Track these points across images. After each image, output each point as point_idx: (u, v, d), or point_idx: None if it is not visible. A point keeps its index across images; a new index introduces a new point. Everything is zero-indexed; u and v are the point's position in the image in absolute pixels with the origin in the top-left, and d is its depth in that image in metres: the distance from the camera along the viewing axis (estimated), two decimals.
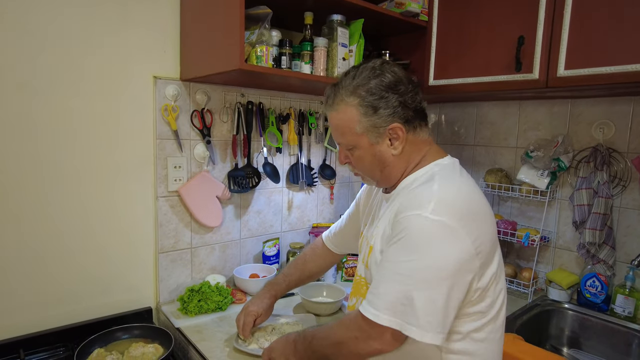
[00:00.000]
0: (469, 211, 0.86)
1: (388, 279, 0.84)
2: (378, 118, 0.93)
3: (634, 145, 1.55)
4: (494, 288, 0.89)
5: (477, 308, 0.88)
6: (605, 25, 1.23)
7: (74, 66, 1.30)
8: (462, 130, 2.10)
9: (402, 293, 0.80)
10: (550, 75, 1.35)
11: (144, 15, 1.41)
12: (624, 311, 1.53)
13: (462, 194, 0.89)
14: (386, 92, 0.92)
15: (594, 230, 1.57)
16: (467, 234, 0.82)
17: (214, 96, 1.60)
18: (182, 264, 1.60)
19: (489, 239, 0.87)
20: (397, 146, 0.95)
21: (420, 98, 0.98)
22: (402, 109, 0.93)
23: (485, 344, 0.91)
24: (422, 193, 0.87)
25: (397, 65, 0.99)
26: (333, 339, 0.93)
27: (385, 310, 0.82)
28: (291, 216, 1.93)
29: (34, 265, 1.30)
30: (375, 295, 0.84)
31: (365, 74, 0.95)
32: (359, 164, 1.01)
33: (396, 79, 0.94)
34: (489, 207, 0.93)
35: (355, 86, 0.94)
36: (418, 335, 0.79)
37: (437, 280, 0.80)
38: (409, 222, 0.83)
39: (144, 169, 1.48)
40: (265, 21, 1.29)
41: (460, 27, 1.59)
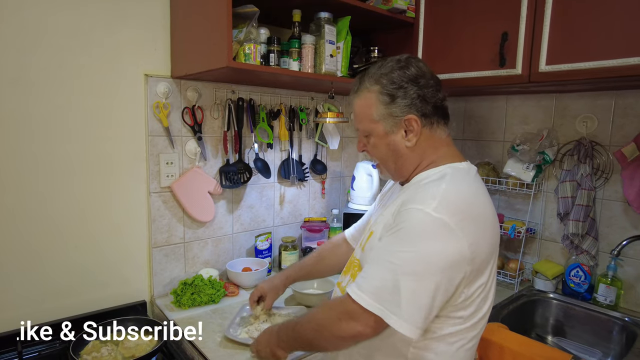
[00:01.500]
0: (471, 214, 0.86)
1: (379, 265, 0.85)
2: (395, 107, 0.94)
3: (616, 139, 1.59)
4: (479, 299, 0.90)
5: (460, 314, 0.88)
6: (585, 21, 1.26)
7: (66, 64, 1.33)
8: (452, 125, 2.12)
9: (390, 281, 0.81)
10: (533, 70, 1.38)
11: (135, 13, 1.44)
12: (606, 300, 1.58)
13: (467, 196, 0.89)
14: (406, 83, 0.93)
15: (577, 222, 1.61)
16: (464, 236, 0.82)
17: (205, 93, 1.63)
18: (175, 258, 1.64)
19: (486, 247, 0.88)
20: (412, 138, 0.95)
21: (443, 96, 0.98)
22: (421, 102, 0.94)
23: (454, 348, 0.91)
24: (429, 190, 0.88)
25: (423, 62, 1.00)
26: (315, 322, 0.95)
27: (371, 295, 0.83)
28: (283, 211, 1.97)
29: (30, 260, 1.33)
30: (364, 278, 0.86)
31: (390, 64, 0.97)
32: (374, 152, 1.02)
33: (419, 72, 0.95)
34: (494, 216, 0.93)
35: (379, 74, 0.96)
36: (397, 325, 0.80)
37: (426, 275, 0.81)
38: (410, 215, 0.84)
39: (136, 165, 1.51)
40: (252, 19, 1.31)
41: (446, 24, 1.62)
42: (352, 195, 1.99)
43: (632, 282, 1.59)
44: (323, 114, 1.87)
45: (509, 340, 1.32)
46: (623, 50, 1.18)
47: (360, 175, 1.96)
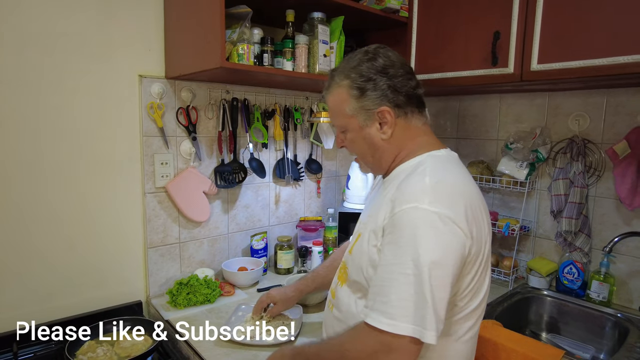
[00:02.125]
0: (465, 203, 0.84)
1: (396, 281, 0.78)
2: (367, 100, 0.93)
3: (607, 136, 1.61)
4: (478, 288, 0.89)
5: (459, 304, 0.87)
6: (575, 20, 1.27)
7: (59, 64, 1.33)
8: (446, 124, 2.14)
9: (416, 295, 0.76)
10: (525, 69, 1.39)
11: (128, 14, 1.44)
12: (599, 296, 1.59)
13: (456, 185, 0.88)
14: (375, 74, 0.92)
15: (570, 219, 1.62)
16: (465, 227, 0.81)
17: (199, 93, 1.63)
18: (171, 258, 1.64)
19: (482, 235, 0.86)
20: (387, 130, 0.95)
21: (415, 84, 0.96)
22: (392, 93, 0.92)
23: (450, 341, 0.90)
24: (415, 184, 0.85)
25: (393, 51, 0.98)
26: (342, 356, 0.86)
27: (403, 318, 0.76)
28: (279, 210, 1.97)
29: (24, 261, 1.33)
30: (385, 303, 0.78)
31: (358, 57, 0.96)
32: (352, 147, 1.02)
33: (388, 62, 0.94)
34: (483, 201, 0.92)
35: (348, 68, 0.95)
36: (432, 339, 0.76)
37: (443, 277, 0.78)
38: (406, 216, 0.81)
39: (131, 165, 1.51)
40: (246, 20, 1.32)
41: (439, 23, 1.63)
42: (348, 195, 1.99)
43: (624, 278, 1.61)
44: (318, 113, 1.88)
45: (503, 337, 1.33)
46: (613, 49, 1.19)
47: (355, 174, 1.97)
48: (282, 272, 1.85)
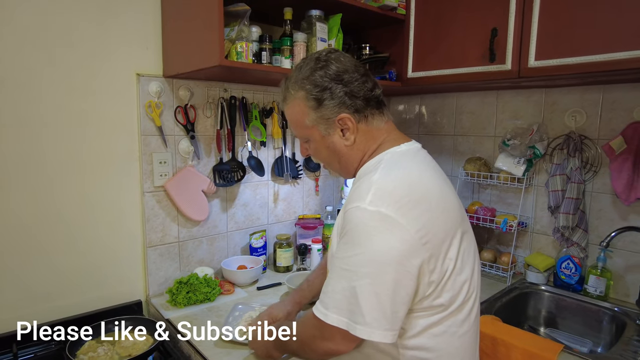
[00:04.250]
0: (412, 198, 0.82)
1: (335, 275, 0.83)
2: (325, 110, 0.92)
3: (604, 132, 1.62)
4: (454, 281, 0.86)
5: (436, 302, 0.85)
6: (572, 16, 1.28)
7: (56, 63, 1.32)
8: (443, 121, 2.15)
9: (348, 290, 0.80)
10: (522, 65, 1.40)
11: (125, 12, 1.43)
12: (596, 291, 1.61)
13: (403, 180, 0.85)
14: (330, 83, 0.91)
15: (567, 215, 1.64)
16: (408, 223, 0.79)
17: (197, 92, 1.63)
18: (170, 257, 1.64)
19: (440, 228, 0.84)
20: (349, 137, 0.94)
21: (372, 86, 0.95)
22: (350, 99, 0.91)
23: (445, 338, 0.88)
24: (363, 184, 0.86)
25: (345, 54, 0.97)
26: (297, 337, 0.95)
27: (333, 309, 0.81)
28: (277, 208, 1.97)
29: (23, 262, 1.33)
30: (325, 293, 0.84)
31: (310, 65, 0.94)
32: (317, 156, 1.02)
33: (341, 68, 0.92)
34: (445, 194, 0.90)
35: (301, 79, 0.93)
36: (366, 334, 0.78)
37: (380, 274, 0.78)
38: (350, 216, 0.83)
39: (129, 164, 1.50)
40: (244, 18, 1.32)
41: (437, 20, 1.63)
42: (346, 192, 2.00)
43: (621, 272, 1.62)
44: None
45: (502, 332, 1.34)
46: (609, 45, 1.20)
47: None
48: (282, 270, 1.85)
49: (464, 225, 0.93)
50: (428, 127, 2.21)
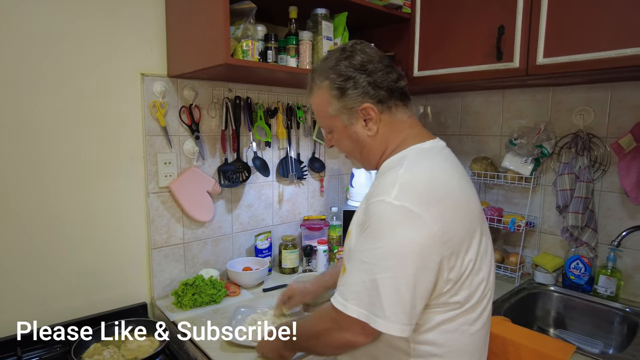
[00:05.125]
0: (436, 196, 0.83)
1: (356, 268, 0.84)
2: (348, 99, 0.92)
3: (612, 130, 1.60)
4: (472, 280, 0.86)
5: (452, 299, 0.85)
6: (581, 13, 1.26)
7: (60, 63, 1.31)
8: (448, 121, 2.14)
9: (369, 282, 0.80)
10: (530, 63, 1.38)
11: (129, 12, 1.42)
12: (606, 291, 1.59)
13: (429, 178, 0.85)
14: (354, 72, 0.91)
15: (576, 214, 1.62)
16: (432, 220, 0.79)
17: (202, 92, 1.61)
18: (175, 259, 1.62)
19: (461, 227, 0.85)
20: (372, 127, 0.94)
21: (396, 77, 0.95)
22: (373, 89, 0.92)
23: (456, 335, 0.88)
24: (387, 178, 0.86)
25: (370, 45, 0.97)
26: (311, 331, 0.94)
27: (353, 301, 0.81)
28: (282, 209, 1.96)
29: (26, 264, 1.31)
30: (345, 285, 0.84)
31: (335, 55, 0.95)
32: (340, 146, 1.02)
33: (366, 58, 0.92)
34: (466, 193, 0.90)
35: (327, 69, 0.94)
36: (385, 328, 0.78)
37: (401, 268, 0.78)
38: (373, 209, 0.83)
39: (134, 165, 1.49)
40: (250, 16, 1.31)
41: (442, 19, 1.62)
42: (352, 193, 1.98)
43: (630, 272, 1.60)
44: None
45: (512, 333, 1.32)
46: (619, 41, 1.19)
47: (359, 172, 1.96)
48: (287, 271, 1.83)
49: (483, 226, 0.93)
50: (433, 127, 2.19)
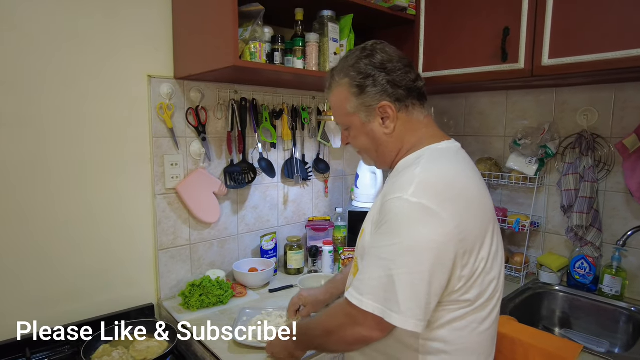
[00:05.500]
0: (452, 194, 0.84)
1: (372, 263, 0.84)
2: (367, 97, 0.93)
3: (616, 131, 1.61)
4: (483, 279, 0.87)
5: (463, 297, 0.86)
6: (585, 14, 1.27)
7: (66, 65, 1.31)
8: (451, 122, 2.14)
9: (385, 278, 0.80)
10: (535, 64, 1.39)
11: (135, 13, 1.43)
12: (612, 290, 1.59)
13: (446, 176, 0.87)
14: (373, 70, 0.93)
15: (581, 214, 1.62)
16: (449, 217, 0.80)
17: (208, 94, 1.62)
18: (181, 260, 1.63)
19: (475, 226, 0.85)
20: (389, 125, 0.95)
21: (415, 77, 0.96)
22: (392, 88, 0.93)
23: (465, 333, 0.89)
24: (405, 176, 0.87)
25: (390, 45, 0.99)
26: (323, 328, 0.94)
27: (369, 296, 0.82)
28: (287, 210, 1.96)
29: (34, 265, 1.31)
30: (360, 280, 0.85)
31: (356, 54, 0.97)
32: (356, 143, 1.02)
33: (386, 57, 0.94)
34: (481, 193, 0.91)
35: (347, 67, 0.96)
36: (400, 323, 0.79)
37: (417, 265, 0.79)
38: (390, 206, 0.84)
39: (141, 167, 1.50)
40: (258, 18, 1.31)
41: (447, 20, 1.63)
42: (356, 193, 1.99)
43: (636, 272, 1.61)
44: (325, 112, 1.87)
45: (520, 332, 1.32)
46: (626, 42, 1.19)
47: (363, 173, 1.97)
48: (293, 272, 1.84)
49: (496, 226, 0.94)
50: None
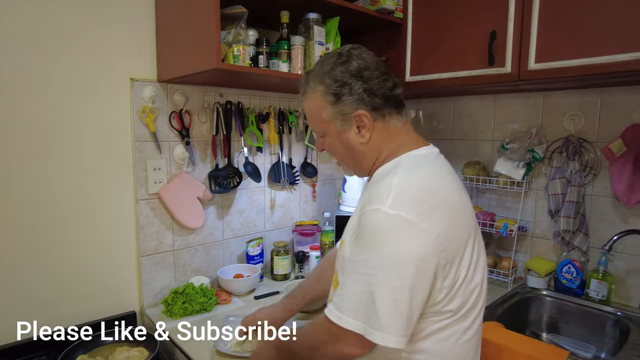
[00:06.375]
0: (432, 204, 0.81)
1: (351, 278, 0.82)
2: (343, 105, 0.91)
3: (603, 135, 1.61)
4: (465, 288, 0.85)
5: (445, 308, 0.84)
6: (572, 19, 1.27)
7: (48, 67, 1.28)
8: (440, 125, 2.14)
9: (365, 294, 0.78)
10: (522, 68, 1.39)
11: (118, 15, 1.40)
12: (598, 295, 1.59)
13: (424, 184, 0.84)
14: (349, 78, 0.90)
15: (568, 218, 1.62)
16: (429, 228, 0.78)
17: (192, 97, 1.59)
18: (165, 266, 1.59)
19: (457, 234, 0.83)
20: (365, 134, 0.93)
21: (392, 84, 0.94)
22: (368, 96, 0.90)
23: (449, 344, 0.87)
24: (382, 186, 0.84)
25: (367, 51, 0.96)
26: (305, 343, 0.92)
27: (349, 312, 0.79)
28: (274, 215, 1.94)
29: (14, 272, 1.28)
30: (340, 296, 0.82)
31: (332, 60, 0.93)
32: (332, 150, 1.00)
33: (362, 65, 0.91)
34: (462, 200, 0.89)
35: (322, 73, 0.93)
36: (382, 340, 0.77)
37: (398, 279, 0.77)
38: (369, 218, 0.81)
39: (123, 171, 1.46)
40: (241, 20, 1.29)
41: (434, 24, 1.62)
42: (344, 198, 1.97)
43: (622, 276, 1.61)
44: None
45: (506, 338, 1.31)
46: (612, 47, 1.19)
47: (351, 177, 1.95)
48: (279, 278, 1.81)
49: (477, 233, 0.92)
50: (425, 131, 2.19)
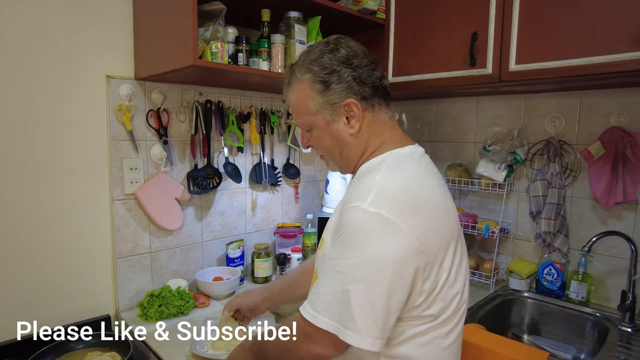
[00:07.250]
0: (414, 203, 0.79)
1: (327, 277, 0.79)
2: (332, 94, 0.88)
3: (582, 137, 1.62)
4: (446, 292, 0.83)
5: (425, 313, 0.82)
6: (552, 21, 1.27)
7: (21, 63, 1.24)
8: (423, 127, 2.14)
9: (340, 293, 0.75)
10: (503, 69, 1.39)
11: (95, 12, 1.36)
12: (578, 296, 1.60)
13: (407, 184, 0.82)
14: (338, 66, 0.87)
15: (549, 220, 1.63)
16: (409, 229, 0.75)
17: (171, 95, 1.56)
18: (141, 268, 1.55)
19: (438, 236, 0.81)
20: (354, 124, 0.90)
21: (380, 75, 0.92)
22: (358, 85, 0.88)
23: (429, 349, 0.85)
24: (364, 183, 0.82)
25: (354, 40, 0.93)
26: (279, 344, 0.88)
27: (323, 312, 0.77)
28: (255, 216, 1.91)
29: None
30: (315, 294, 0.80)
31: (319, 48, 0.90)
32: (319, 145, 0.96)
33: (351, 52, 0.89)
34: (445, 201, 0.87)
35: (309, 62, 0.90)
36: (355, 341, 0.74)
37: (375, 280, 0.74)
38: (348, 216, 0.79)
39: (98, 171, 1.42)
40: (219, 17, 1.27)
41: (417, 25, 1.61)
42: (327, 199, 1.95)
43: (601, 277, 1.62)
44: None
45: (487, 341, 1.31)
46: (589, 49, 1.20)
47: (334, 178, 1.93)
48: (260, 281, 1.78)
49: (460, 236, 0.90)
50: (408, 133, 2.14)
